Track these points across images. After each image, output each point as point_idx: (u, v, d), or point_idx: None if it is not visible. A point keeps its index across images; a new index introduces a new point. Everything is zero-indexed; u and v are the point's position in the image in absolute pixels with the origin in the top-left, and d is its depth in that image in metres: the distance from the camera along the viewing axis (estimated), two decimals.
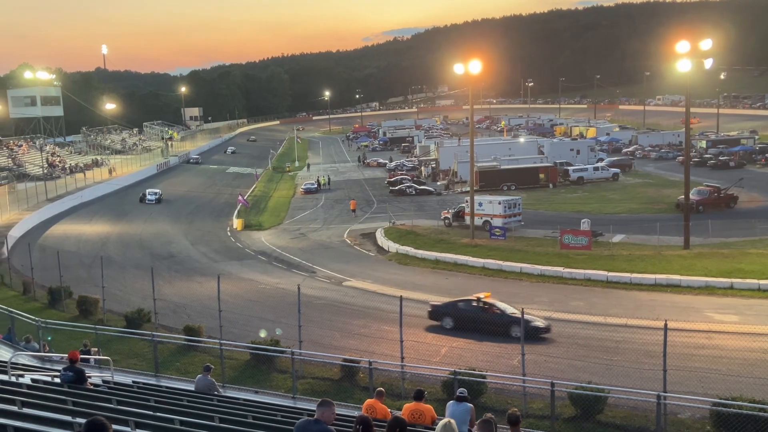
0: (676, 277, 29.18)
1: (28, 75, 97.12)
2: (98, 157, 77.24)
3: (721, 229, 37.18)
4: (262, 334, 20.63)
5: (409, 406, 11.00)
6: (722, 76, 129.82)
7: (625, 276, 30.18)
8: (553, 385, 14.67)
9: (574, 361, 18.99)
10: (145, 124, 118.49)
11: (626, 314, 24.02)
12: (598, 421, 15.32)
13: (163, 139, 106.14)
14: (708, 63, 40.22)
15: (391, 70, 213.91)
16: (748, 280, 27.94)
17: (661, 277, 29.41)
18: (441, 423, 6.36)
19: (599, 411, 15.41)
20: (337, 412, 12.60)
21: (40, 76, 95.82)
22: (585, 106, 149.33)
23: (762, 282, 27.55)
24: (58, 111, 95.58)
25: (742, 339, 20.17)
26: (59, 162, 69.17)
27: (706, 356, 18.56)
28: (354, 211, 53.39)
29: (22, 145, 73.58)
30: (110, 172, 68.47)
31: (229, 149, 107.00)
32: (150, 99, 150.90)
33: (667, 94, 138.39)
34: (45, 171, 60.74)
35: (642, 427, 14.97)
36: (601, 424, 15.21)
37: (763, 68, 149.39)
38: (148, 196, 59.30)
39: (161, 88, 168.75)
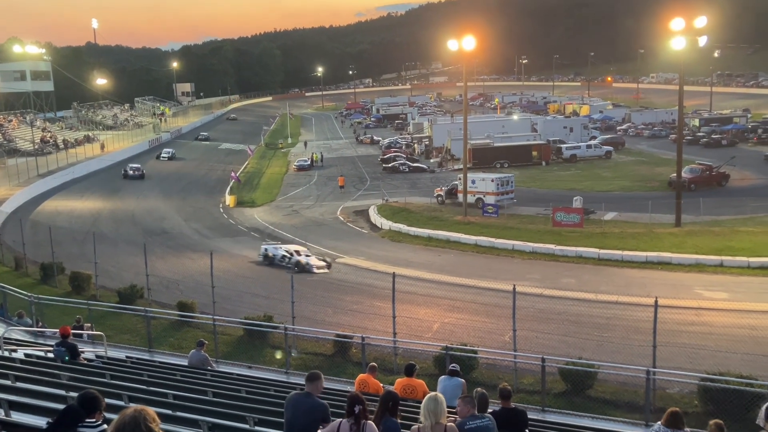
0: (667, 255, 29.38)
1: (17, 49, 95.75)
2: (90, 133, 76.62)
3: (713, 207, 37.37)
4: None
5: (401, 381, 11.10)
6: (716, 54, 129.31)
7: (617, 253, 30.36)
8: (543, 360, 14.82)
9: (565, 337, 19.15)
10: (136, 99, 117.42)
11: (617, 291, 24.18)
12: (588, 395, 15.51)
13: (155, 114, 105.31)
14: (702, 41, 40.13)
15: (384, 46, 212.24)
16: (738, 258, 28.17)
17: (652, 255, 29.61)
18: (427, 396, 6.40)
19: (589, 386, 15.60)
20: (330, 386, 12.72)
21: (30, 51, 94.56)
22: (579, 83, 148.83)
23: (752, 259, 27.80)
24: (48, 86, 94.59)
25: (730, 316, 20.40)
26: (50, 137, 68.61)
27: (695, 333, 18.75)
28: (342, 187, 53.42)
29: (12, 120, 72.88)
30: (102, 147, 67.99)
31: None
32: (141, 74, 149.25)
33: (660, 72, 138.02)
34: (36, 147, 60.27)
35: (631, 401, 15.17)
36: (591, 399, 15.40)
37: (756, 46, 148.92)
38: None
39: (152, 64, 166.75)
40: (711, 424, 7.06)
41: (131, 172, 59.17)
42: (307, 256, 30.94)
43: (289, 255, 30.69)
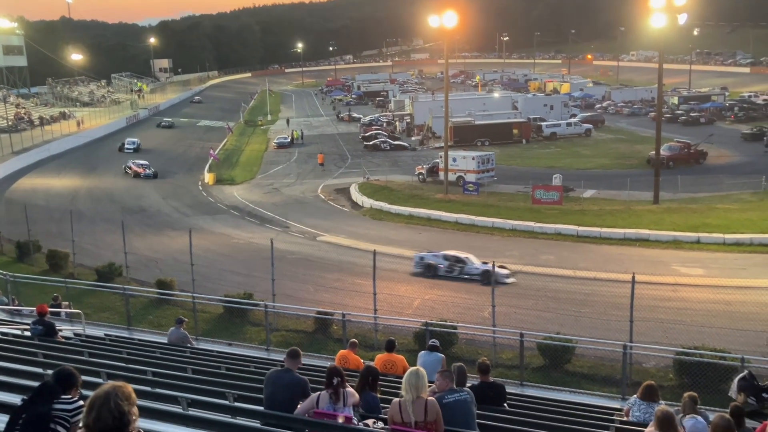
0: (645, 232, 29.72)
1: None
2: (66, 110, 75.34)
3: (691, 184, 37.77)
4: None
5: (381, 356, 11.15)
6: (695, 32, 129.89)
7: (595, 230, 30.65)
8: (522, 335, 14.97)
9: (543, 312, 19.36)
10: (113, 75, 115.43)
11: (595, 268, 24.44)
12: (566, 370, 15.74)
13: (132, 91, 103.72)
14: (682, 18, 40.24)
15: (365, 22, 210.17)
16: (714, 235, 28.57)
17: (630, 232, 29.93)
18: (408, 371, 6.46)
19: (567, 361, 15.83)
20: (311, 363, 12.75)
21: (1, 24, 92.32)
22: (559, 61, 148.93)
23: (727, 236, 28.22)
24: (21, 61, 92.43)
25: (706, 291, 20.71)
26: (25, 114, 67.37)
27: (671, 308, 19.04)
28: (322, 164, 53.20)
29: None
30: (78, 124, 66.92)
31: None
32: (118, 50, 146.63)
33: (641, 50, 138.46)
34: (10, 123, 59.19)
35: (608, 375, 15.41)
36: (568, 373, 15.63)
37: (735, 24, 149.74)
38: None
39: (129, 39, 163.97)
40: (685, 396, 7.18)
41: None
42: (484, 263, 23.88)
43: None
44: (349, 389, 6.65)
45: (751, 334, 16.13)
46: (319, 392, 6.64)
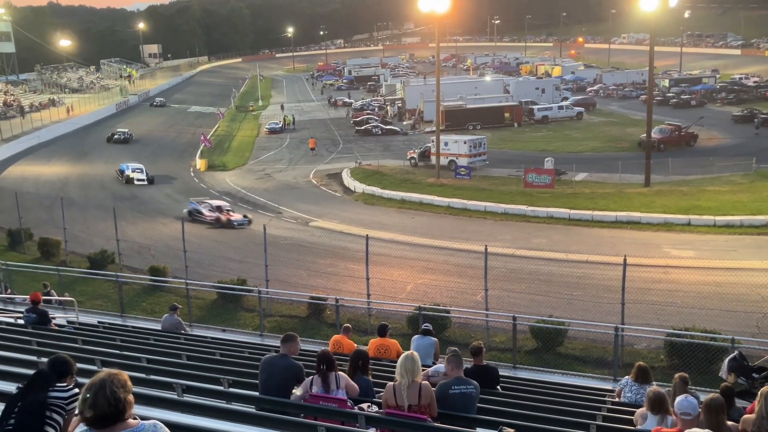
0: (636, 214, 29.84)
1: None
2: (54, 96, 74.74)
3: (681, 167, 37.90)
4: None
5: (375, 341, 11.20)
6: (686, 15, 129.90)
7: (587, 213, 30.75)
8: (515, 318, 15.08)
9: (536, 296, 19.47)
10: (102, 61, 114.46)
11: (587, 251, 24.52)
12: (558, 352, 15.86)
13: (121, 77, 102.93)
14: (673, 1, 40.19)
15: (356, 6, 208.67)
16: (704, 217, 28.71)
17: (621, 215, 30.04)
18: (403, 355, 6.51)
19: (559, 343, 15.94)
20: (305, 348, 12.80)
21: None
22: (551, 44, 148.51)
23: (718, 218, 28.37)
24: (9, 47, 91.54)
25: (696, 273, 20.87)
26: (14, 101, 66.79)
27: (662, 290, 19.17)
28: (313, 149, 53.08)
29: None
30: (68, 111, 66.44)
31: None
32: (107, 35, 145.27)
33: (632, 33, 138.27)
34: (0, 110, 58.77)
35: (600, 357, 15.55)
36: (561, 356, 15.75)
37: (726, 6, 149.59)
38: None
39: (118, 24, 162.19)
40: (676, 377, 7.25)
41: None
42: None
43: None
44: (341, 373, 6.70)
45: (741, 316, 16.28)
46: (311, 377, 6.70)
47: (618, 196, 33.69)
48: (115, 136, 57.82)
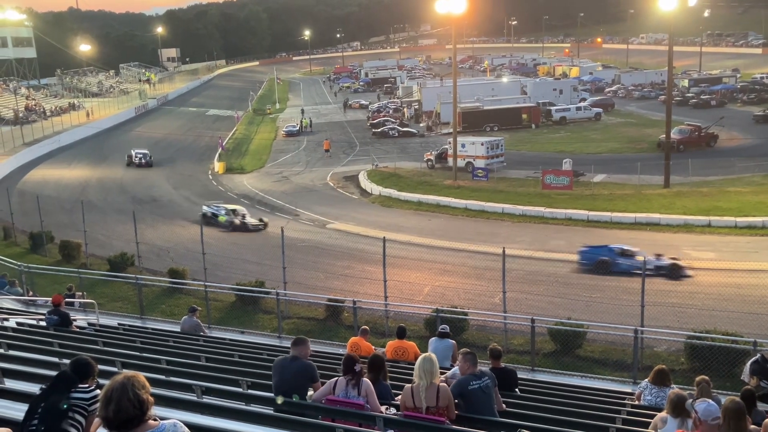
0: (655, 216, 29.60)
1: None
2: (75, 100, 75.57)
3: (701, 167, 37.50)
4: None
5: (392, 343, 11.21)
6: (706, 14, 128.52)
7: (606, 215, 30.55)
8: (533, 321, 14.99)
9: (554, 298, 19.36)
10: (121, 65, 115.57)
11: None
12: (577, 355, 15.75)
13: (140, 81, 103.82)
14: (692, 0, 39.79)
15: (372, 8, 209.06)
16: (725, 218, 28.41)
17: (641, 216, 29.81)
18: (421, 357, 6.51)
19: (578, 346, 15.83)
20: (323, 350, 12.83)
21: (10, 17, 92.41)
22: (568, 45, 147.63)
23: (739, 219, 28.05)
24: (30, 52, 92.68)
25: (717, 275, 20.66)
26: (35, 105, 67.65)
27: (682, 292, 18.98)
28: (327, 151, 53.17)
29: None
30: (88, 115, 67.14)
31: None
32: (126, 40, 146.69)
33: (650, 33, 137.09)
34: (22, 115, 59.44)
35: (619, 360, 15.42)
36: (579, 358, 15.64)
37: (747, 5, 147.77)
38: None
39: (136, 29, 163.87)
40: (698, 380, 7.19)
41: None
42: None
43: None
44: (366, 380, 6.62)
45: (764, 318, 16.10)
46: (336, 378, 6.67)
47: (637, 197, 33.42)
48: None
